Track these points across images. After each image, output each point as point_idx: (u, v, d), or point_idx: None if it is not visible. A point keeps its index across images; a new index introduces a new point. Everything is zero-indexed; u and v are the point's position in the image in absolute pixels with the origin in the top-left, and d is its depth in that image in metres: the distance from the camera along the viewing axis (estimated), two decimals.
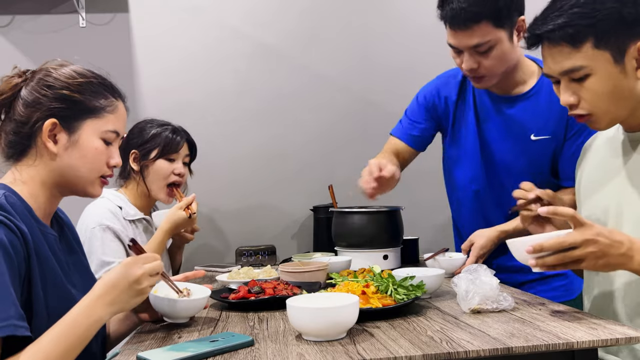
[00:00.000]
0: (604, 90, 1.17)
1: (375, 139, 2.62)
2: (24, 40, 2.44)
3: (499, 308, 1.25)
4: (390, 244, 2.00)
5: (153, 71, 2.51)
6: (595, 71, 1.17)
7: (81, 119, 1.16)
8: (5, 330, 0.94)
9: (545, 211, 1.14)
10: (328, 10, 2.60)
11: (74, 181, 1.17)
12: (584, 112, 1.21)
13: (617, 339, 1.01)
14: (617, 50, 1.15)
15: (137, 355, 1.03)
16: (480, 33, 1.56)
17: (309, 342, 1.09)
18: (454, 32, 1.60)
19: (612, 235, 1.10)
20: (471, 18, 1.54)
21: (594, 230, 1.09)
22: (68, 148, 1.15)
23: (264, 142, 2.56)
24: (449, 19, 1.60)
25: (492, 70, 1.63)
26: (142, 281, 1.09)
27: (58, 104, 1.14)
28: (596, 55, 1.15)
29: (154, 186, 1.93)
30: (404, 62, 2.63)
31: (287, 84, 2.58)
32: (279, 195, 2.56)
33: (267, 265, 2.05)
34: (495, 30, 1.56)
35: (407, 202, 2.30)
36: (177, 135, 1.95)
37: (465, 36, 1.58)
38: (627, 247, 1.10)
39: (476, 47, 1.58)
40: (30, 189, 1.13)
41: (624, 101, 1.19)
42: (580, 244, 1.09)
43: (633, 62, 1.16)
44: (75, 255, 1.27)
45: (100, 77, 1.21)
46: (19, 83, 1.15)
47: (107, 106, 1.19)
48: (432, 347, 1.01)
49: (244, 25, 2.56)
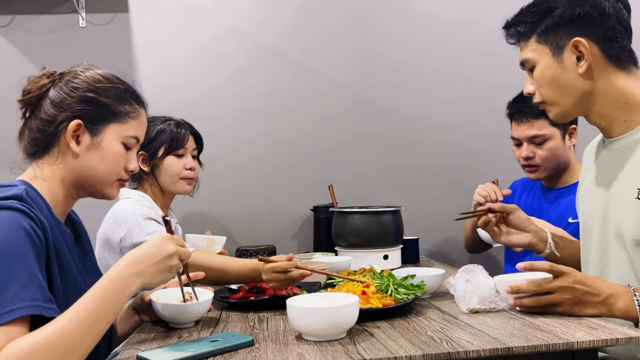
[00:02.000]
0: (544, 80, 1.31)
1: (375, 138, 2.63)
2: (24, 40, 2.44)
3: (497, 308, 1.25)
4: (390, 244, 2.01)
5: (153, 71, 2.51)
6: (538, 62, 1.32)
7: (105, 122, 1.19)
8: (32, 309, 0.94)
9: (522, 267, 1.22)
10: (327, 8, 2.60)
11: (92, 182, 1.19)
12: (539, 100, 1.35)
13: (617, 339, 1.01)
14: (555, 46, 1.29)
15: (137, 355, 1.03)
16: (538, 126, 1.93)
17: (309, 342, 1.09)
18: (517, 125, 1.98)
19: (592, 283, 1.17)
20: (533, 114, 1.92)
21: (571, 278, 1.16)
22: (90, 149, 1.18)
23: (263, 142, 2.56)
24: (515, 114, 1.99)
25: (545, 162, 1.96)
26: (174, 259, 1.11)
27: (84, 106, 1.17)
28: (538, 49, 1.31)
29: (167, 182, 1.90)
30: (404, 61, 2.63)
31: (287, 83, 2.58)
32: (279, 195, 2.56)
33: None
34: (550, 127, 1.93)
35: (407, 202, 2.31)
36: (182, 129, 1.92)
37: (525, 128, 1.95)
38: (606, 295, 1.16)
39: (533, 138, 1.94)
40: (49, 187, 1.16)
41: (565, 92, 1.30)
42: (556, 290, 1.17)
43: (572, 57, 1.27)
44: (87, 257, 1.29)
45: (126, 84, 1.25)
46: (47, 84, 1.18)
47: (130, 112, 1.23)
48: (432, 347, 1.01)
49: (243, 24, 2.56)
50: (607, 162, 1.35)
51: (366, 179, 2.61)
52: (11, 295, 0.93)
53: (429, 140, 2.63)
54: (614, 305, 1.15)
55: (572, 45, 1.26)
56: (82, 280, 1.17)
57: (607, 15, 1.25)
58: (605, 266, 1.33)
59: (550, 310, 1.18)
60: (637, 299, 1.15)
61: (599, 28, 1.25)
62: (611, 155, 1.34)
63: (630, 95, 1.27)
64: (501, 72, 2.49)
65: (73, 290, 1.11)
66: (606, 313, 1.16)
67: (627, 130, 1.29)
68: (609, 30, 1.25)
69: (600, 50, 1.26)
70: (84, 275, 1.20)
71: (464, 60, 2.63)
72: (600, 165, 1.38)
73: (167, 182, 1.90)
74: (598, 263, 1.35)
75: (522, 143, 1.98)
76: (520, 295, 1.21)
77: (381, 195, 2.59)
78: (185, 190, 1.94)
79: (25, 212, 1.02)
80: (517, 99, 1.99)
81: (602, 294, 1.16)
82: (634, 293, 1.16)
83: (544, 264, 1.19)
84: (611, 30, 1.25)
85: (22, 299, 0.93)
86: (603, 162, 1.37)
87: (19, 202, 1.03)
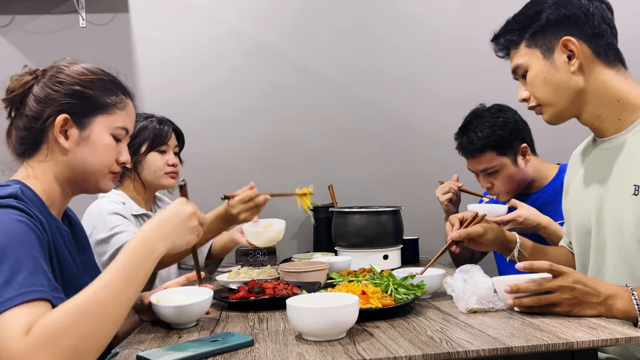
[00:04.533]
0: (538, 81, 1.33)
1: (375, 138, 2.63)
2: (24, 40, 2.44)
3: (495, 308, 1.25)
4: (390, 244, 2.01)
5: (153, 71, 2.51)
6: (530, 66, 1.33)
7: (92, 114, 1.18)
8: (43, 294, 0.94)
9: (522, 266, 1.22)
10: (326, 8, 2.60)
11: (85, 176, 1.19)
12: (534, 104, 1.36)
13: (617, 339, 1.01)
14: (545, 47, 1.31)
15: (137, 355, 1.03)
16: (485, 160, 1.93)
17: (309, 342, 1.09)
18: (467, 160, 2.01)
19: (591, 284, 1.17)
20: (477, 149, 1.93)
21: (571, 278, 1.17)
22: (79, 143, 1.16)
23: (263, 141, 2.56)
24: (461, 150, 2.00)
25: (504, 188, 1.97)
26: (193, 219, 1.13)
27: (70, 99, 1.16)
28: (528, 53, 1.33)
29: (150, 177, 1.92)
30: (404, 62, 2.63)
31: (287, 83, 2.58)
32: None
33: (267, 265, 2.05)
34: (497, 158, 1.93)
35: (407, 202, 2.31)
36: (164, 125, 1.94)
37: (475, 163, 1.97)
38: (606, 296, 1.16)
39: (484, 170, 1.96)
40: (43, 185, 1.15)
41: (559, 92, 1.31)
42: (556, 289, 1.17)
43: (563, 56, 1.29)
44: (85, 254, 1.28)
45: (110, 75, 1.24)
46: (30, 80, 1.17)
47: (117, 103, 1.21)
48: (432, 347, 1.01)
49: (242, 24, 2.56)
50: (598, 161, 1.36)
51: (366, 179, 2.61)
52: (21, 280, 0.93)
53: (429, 140, 2.63)
54: (613, 306, 1.16)
55: (562, 44, 1.28)
56: (80, 277, 1.16)
57: (591, 14, 1.28)
58: (602, 265, 1.33)
59: (550, 310, 1.18)
60: (635, 299, 1.15)
61: (585, 26, 1.28)
62: (603, 154, 1.35)
63: (621, 93, 1.29)
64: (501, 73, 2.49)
65: (72, 287, 1.11)
66: (605, 314, 1.16)
67: (620, 129, 1.30)
68: (595, 28, 1.28)
69: (589, 48, 1.28)
70: (82, 272, 1.19)
71: (464, 60, 2.63)
72: (591, 165, 1.39)
73: (150, 177, 1.92)
74: (594, 262, 1.35)
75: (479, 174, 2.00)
76: (520, 295, 1.21)
77: (381, 195, 2.59)
78: (169, 184, 1.95)
79: (23, 210, 1.02)
80: (461, 134, 1.98)
81: (601, 295, 1.16)
82: (632, 293, 1.17)
83: (543, 264, 1.19)
84: (597, 28, 1.28)
85: (33, 284, 0.94)
86: (594, 162, 1.38)
87: (16, 200, 1.03)
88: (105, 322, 0.93)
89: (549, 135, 1.99)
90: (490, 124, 1.92)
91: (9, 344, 0.86)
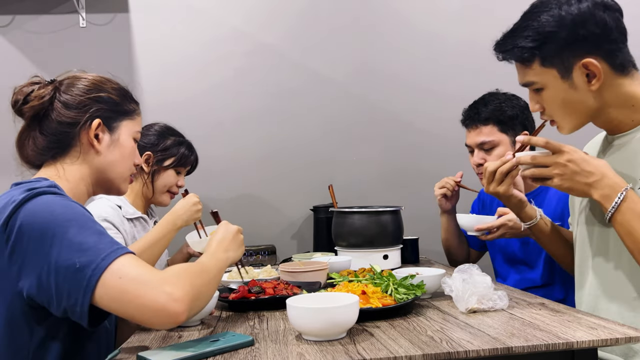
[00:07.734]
0: (556, 102, 1.31)
1: (375, 138, 2.63)
2: (24, 40, 2.44)
3: (495, 307, 1.25)
4: (390, 244, 2.01)
5: (153, 71, 2.51)
6: (547, 86, 1.30)
7: (119, 119, 1.26)
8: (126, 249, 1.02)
9: (521, 139, 1.31)
10: (328, 9, 2.60)
11: (112, 178, 1.26)
12: (549, 118, 1.36)
13: (617, 339, 1.02)
14: (562, 67, 1.27)
15: (137, 355, 1.04)
16: (486, 132, 1.93)
17: (309, 342, 1.09)
18: (468, 132, 1.99)
19: (584, 165, 1.22)
20: (481, 120, 1.93)
21: (566, 156, 1.23)
22: (110, 146, 1.24)
23: (263, 142, 2.56)
24: (466, 120, 1.99)
25: None
26: (239, 235, 1.29)
27: (101, 105, 1.23)
28: (544, 72, 1.29)
29: (157, 189, 2.01)
30: (404, 62, 2.63)
31: (287, 84, 2.58)
32: (279, 195, 2.56)
33: (267, 265, 2.05)
34: (498, 133, 1.92)
35: (407, 202, 2.31)
36: (192, 153, 2.07)
37: (475, 134, 1.96)
38: (595, 179, 1.21)
39: (482, 144, 1.93)
40: (71, 187, 1.20)
41: (578, 112, 1.31)
42: (550, 164, 1.24)
43: (582, 76, 1.27)
44: None
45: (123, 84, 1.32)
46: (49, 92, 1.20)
47: (136, 109, 1.31)
48: (432, 347, 1.01)
49: (243, 25, 2.56)
50: (609, 156, 1.36)
51: (366, 179, 2.61)
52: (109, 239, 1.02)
53: (430, 140, 2.63)
54: (597, 190, 1.21)
55: (582, 65, 1.25)
56: None
57: (609, 29, 1.25)
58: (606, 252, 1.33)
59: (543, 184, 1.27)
60: (618, 199, 1.20)
61: (604, 43, 1.26)
62: (613, 149, 1.36)
63: (636, 99, 1.29)
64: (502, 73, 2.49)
65: None
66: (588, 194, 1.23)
67: (634, 127, 1.31)
68: (612, 43, 1.26)
69: (608, 65, 1.26)
70: None
71: (463, 60, 2.63)
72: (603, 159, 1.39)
73: (158, 189, 2.01)
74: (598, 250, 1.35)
75: (474, 150, 1.98)
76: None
77: (381, 195, 2.59)
78: (164, 203, 2.06)
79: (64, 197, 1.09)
80: (470, 106, 2.00)
81: (593, 176, 1.21)
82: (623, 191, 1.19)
83: (540, 139, 1.25)
84: (614, 43, 1.26)
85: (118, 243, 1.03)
86: (606, 156, 1.38)
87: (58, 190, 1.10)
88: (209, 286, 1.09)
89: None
90: (500, 100, 1.94)
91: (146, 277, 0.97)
